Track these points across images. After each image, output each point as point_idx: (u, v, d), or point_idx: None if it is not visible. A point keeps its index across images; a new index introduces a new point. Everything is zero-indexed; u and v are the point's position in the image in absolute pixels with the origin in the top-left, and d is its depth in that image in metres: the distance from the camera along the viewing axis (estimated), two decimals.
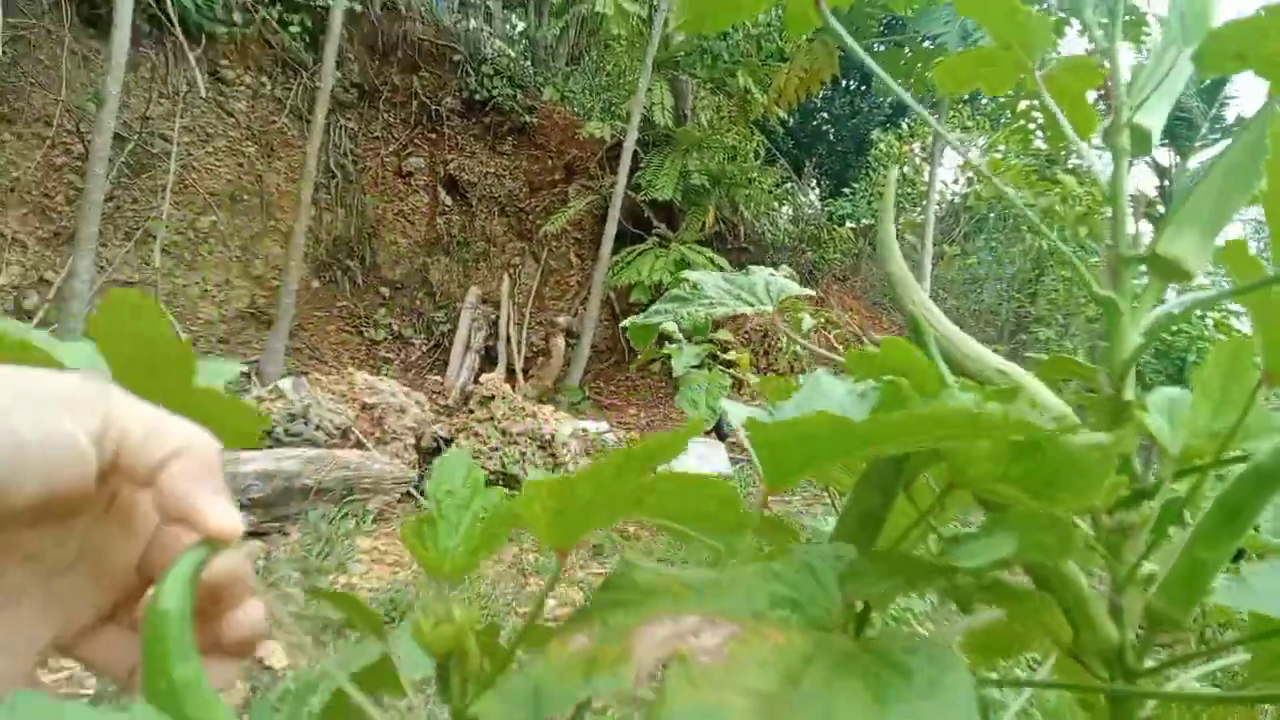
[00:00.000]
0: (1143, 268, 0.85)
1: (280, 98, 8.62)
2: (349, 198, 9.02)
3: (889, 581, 0.37)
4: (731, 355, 3.15)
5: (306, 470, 4.21)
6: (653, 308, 1.02)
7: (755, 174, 9.37)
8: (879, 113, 12.82)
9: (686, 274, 1.05)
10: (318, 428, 4.44)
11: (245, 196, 8.22)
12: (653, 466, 0.36)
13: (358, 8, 7.86)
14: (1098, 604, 0.55)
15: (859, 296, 10.24)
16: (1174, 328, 8.34)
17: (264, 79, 8.55)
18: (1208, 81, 13.64)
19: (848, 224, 10.66)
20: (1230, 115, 13.80)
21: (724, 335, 3.19)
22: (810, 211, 11.74)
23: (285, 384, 4.60)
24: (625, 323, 1.07)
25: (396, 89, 9.41)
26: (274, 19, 8.34)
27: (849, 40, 0.59)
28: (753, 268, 1.08)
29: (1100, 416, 0.74)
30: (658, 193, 8.65)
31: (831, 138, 13.40)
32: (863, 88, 13.31)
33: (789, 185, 11.05)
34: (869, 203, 10.42)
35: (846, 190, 11.13)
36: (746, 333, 8.47)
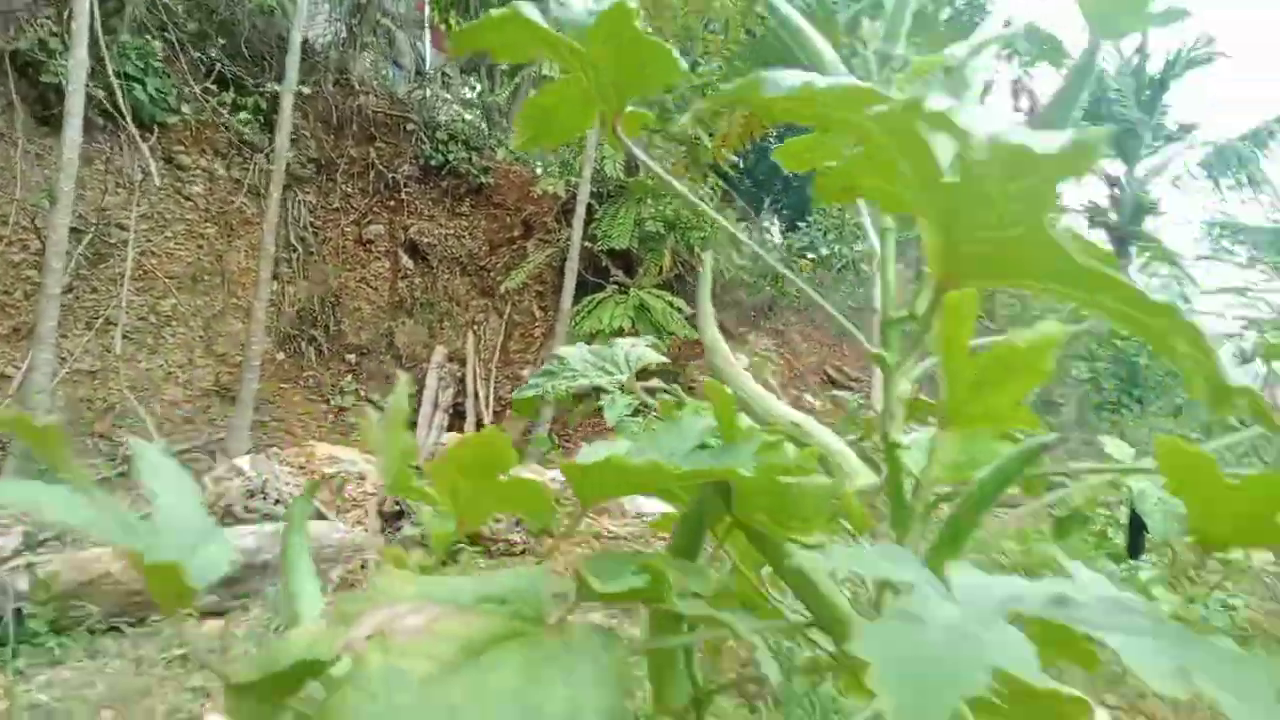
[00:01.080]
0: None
1: (238, 178, 8.78)
2: (311, 269, 9.15)
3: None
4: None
5: (265, 545, 4.25)
6: (530, 381, 1.14)
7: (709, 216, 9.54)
8: None
9: (558, 350, 1.17)
10: (277, 502, 4.50)
11: (206, 276, 8.33)
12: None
13: (305, 90, 8.06)
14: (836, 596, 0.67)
15: (819, 327, 10.40)
16: (1124, 334, 8.52)
17: (219, 162, 8.72)
18: (1147, 93, 14.09)
19: (808, 256, 10.85)
20: (1170, 124, 14.16)
21: (655, 383, 3.28)
22: (771, 248, 11.94)
23: (243, 461, 4.67)
24: (515, 399, 1.19)
25: (353, 160, 9.59)
26: (226, 105, 8.54)
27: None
28: (616, 340, 1.20)
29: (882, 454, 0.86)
30: (614, 242, 8.82)
31: (787, 173, 13.61)
32: None
33: (744, 224, 11.26)
34: (825, 234, 10.62)
35: (801, 224, 11.34)
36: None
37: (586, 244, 8.66)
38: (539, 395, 1.06)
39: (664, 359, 1.15)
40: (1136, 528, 2.90)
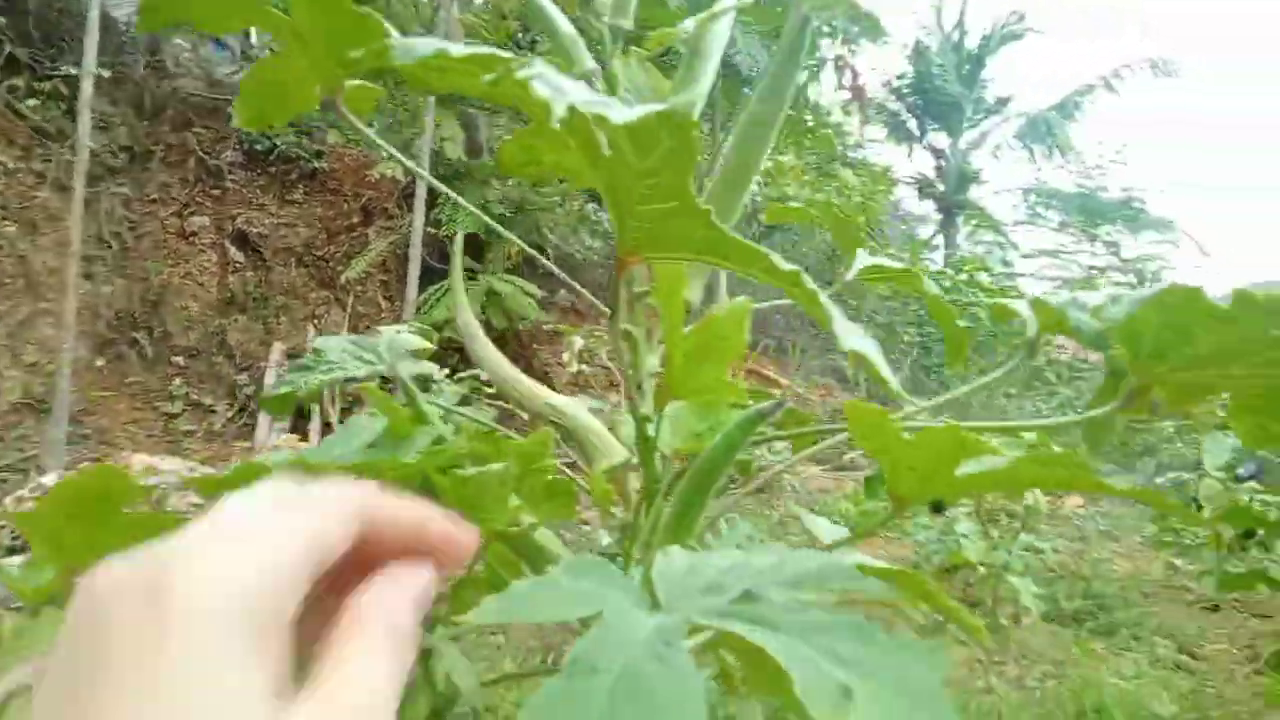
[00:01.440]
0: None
1: (39, 171, 8.04)
2: (129, 267, 8.51)
3: None
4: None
5: None
6: (285, 377, 1.06)
7: (559, 198, 9.48)
8: None
9: (315, 341, 1.09)
10: None
11: (7, 280, 7.61)
12: None
13: (107, 73, 7.43)
14: None
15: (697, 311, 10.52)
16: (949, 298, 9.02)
17: (18, 153, 7.97)
18: (967, 68, 14.92)
19: None
20: (989, 97, 15.08)
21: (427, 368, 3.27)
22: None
23: (49, 478, 4.30)
24: (261, 399, 1.10)
25: (171, 148, 8.96)
26: (19, 91, 7.80)
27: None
28: (381, 329, 1.14)
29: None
30: (458, 227, 8.61)
31: None
32: None
33: (594, 205, 11.25)
34: None
35: None
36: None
37: (431, 230, 8.43)
38: (293, 391, 0.99)
39: (431, 346, 1.11)
40: None
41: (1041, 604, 3.43)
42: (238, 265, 8.90)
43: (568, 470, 0.85)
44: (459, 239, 0.93)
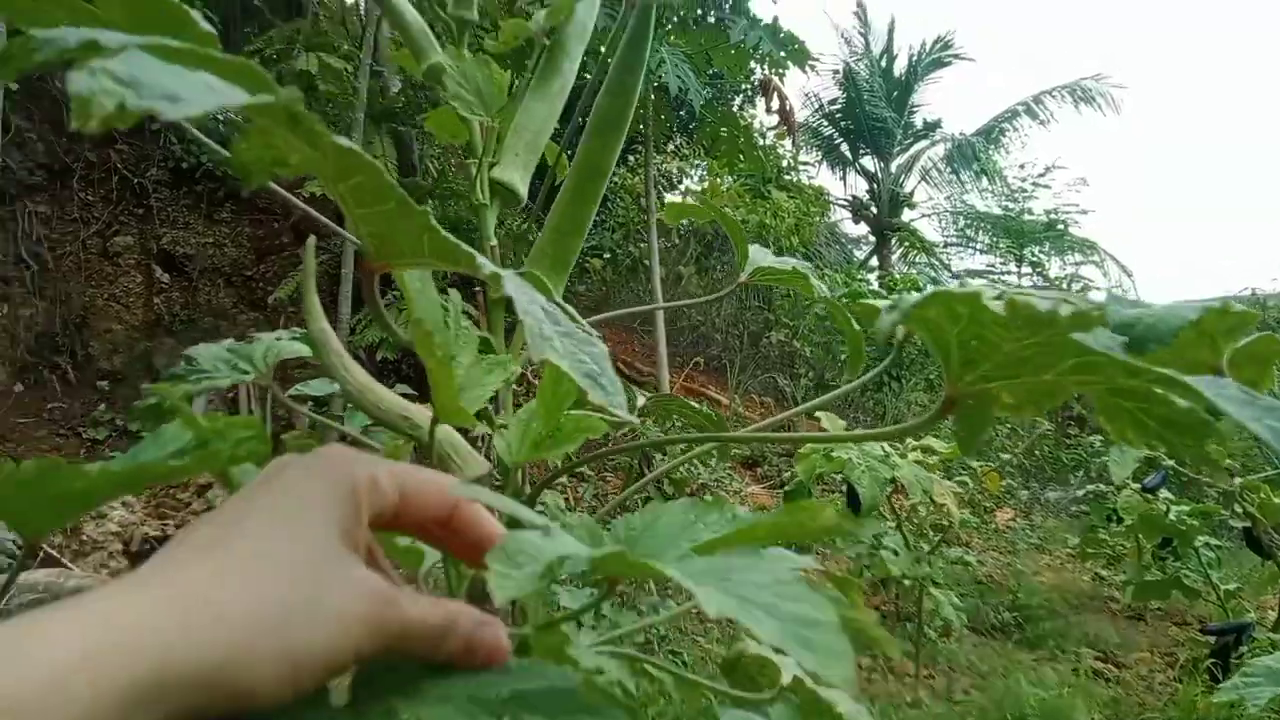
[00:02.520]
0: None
1: None
2: (49, 289, 8.20)
3: None
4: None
5: None
6: (147, 387, 1.01)
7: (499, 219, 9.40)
8: None
9: (191, 349, 1.04)
10: None
11: None
12: None
13: (14, 86, 7.17)
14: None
15: (609, 324, 10.52)
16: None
17: None
18: (896, 93, 15.29)
19: (602, 255, 10.94)
20: (918, 122, 15.47)
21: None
22: None
23: None
24: (130, 411, 1.05)
25: (92, 165, 8.68)
26: None
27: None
28: (260, 335, 1.09)
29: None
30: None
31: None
32: None
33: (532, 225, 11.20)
34: (611, 233, 10.75)
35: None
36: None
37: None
38: (160, 403, 0.95)
39: (308, 351, 1.08)
40: (852, 494, 3.13)
41: (964, 616, 3.48)
42: (163, 286, 8.64)
43: None
44: (310, 240, 0.90)
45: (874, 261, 15.55)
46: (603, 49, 4.90)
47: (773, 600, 0.32)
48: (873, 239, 15.99)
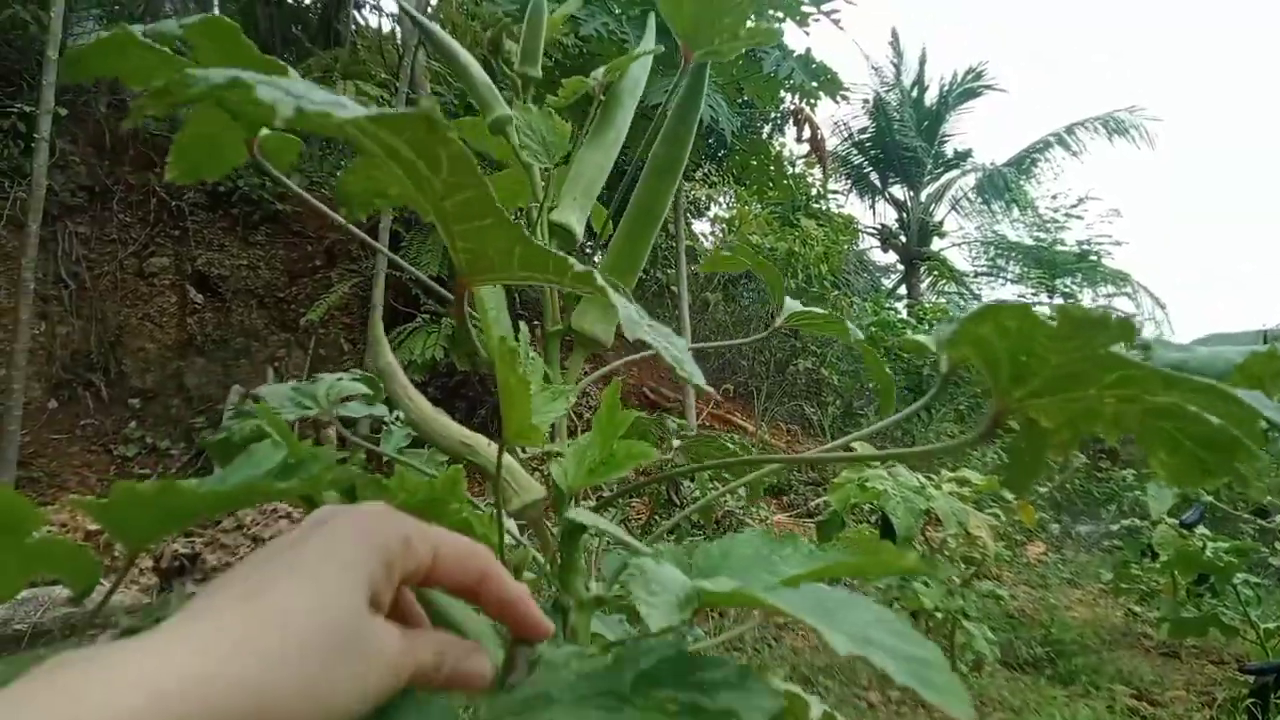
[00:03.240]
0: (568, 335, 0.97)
1: None
2: (86, 307, 8.36)
3: None
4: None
5: (17, 615, 3.82)
6: (224, 423, 1.04)
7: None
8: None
9: (260, 389, 1.07)
10: None
11: None
12: None
13: (64, 111, 7.36)
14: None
15: (635, 350, 10.50)
16: (907, 349, 9.17)
17: None
18: (927, 122, 15.30)
19: None
20: (949, 151, 15.45)
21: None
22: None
23: None
24: (201, 441, 1.07)
25: (131, 187, 8.87)
26: None
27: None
28: (321, 375, 1.13)
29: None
30: (423, 269, 8.58)
31: (602, 199, 13.81)
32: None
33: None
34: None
35: None
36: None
37: (395, 272, 8.40)
38: (229, 437, 0.99)
39: (368, 391, 1.11)
40: (886, 525, 3.09)
41: (997, 650, 3.41)
42: (197, 306, 8.78)
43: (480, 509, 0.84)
44: (378, 288, 0.91)
45: (902, 290, 15.50)
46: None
47: (891, 641, 0.36)
48: (901, 267, 15.94)
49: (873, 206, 16.10)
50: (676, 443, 1.20)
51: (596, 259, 1.03)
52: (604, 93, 0.90)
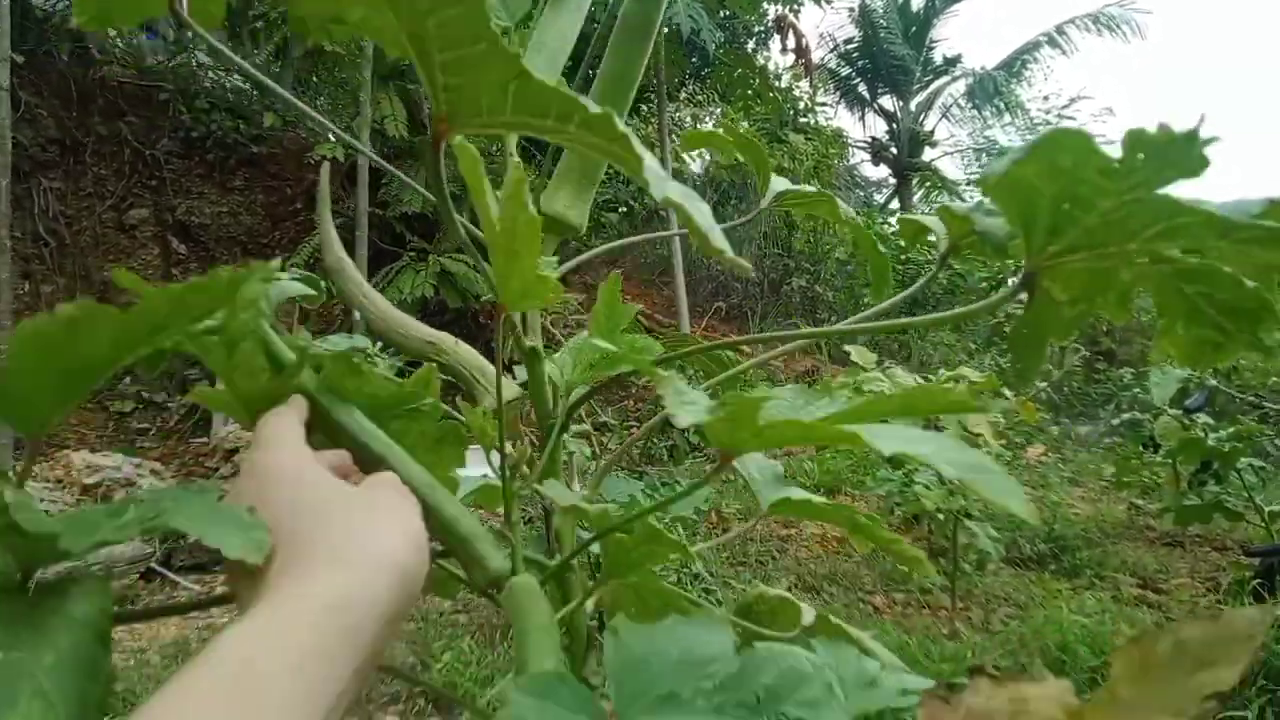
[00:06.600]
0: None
1: None
2: (69, 264, 8.24)
3: None
4: None
5: None
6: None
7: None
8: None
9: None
10: None
11: None
12: None
13: (19, 59, 7.10)
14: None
15: (629, 277, 10.42)
16: (904, 258, 9.08)
17: None
18: (914, 29, 14.89)
19: (619, 210, 10.80)
20: (938, 58, 15.08)
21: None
22: None
23: None
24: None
25: (103, 139, 8.66)
26: None
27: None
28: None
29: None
30: (405, 206, 8.43)
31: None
32: None
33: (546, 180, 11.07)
34: (625, 185, 10.61)
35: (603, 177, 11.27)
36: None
37: (377, 211, 8.25)
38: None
39: (308, 290, 1.05)
40: None
41: (1001, 548, 3.41)
42: (180, 256, 8.65)
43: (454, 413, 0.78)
44: (325, 169, 0.84)
45: (895, 204, 15.31)
46: None
47: (951, 454, 0.39)
48: (893, 181, 15.71)
49: (862, 119, 15.80)
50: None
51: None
52: None
